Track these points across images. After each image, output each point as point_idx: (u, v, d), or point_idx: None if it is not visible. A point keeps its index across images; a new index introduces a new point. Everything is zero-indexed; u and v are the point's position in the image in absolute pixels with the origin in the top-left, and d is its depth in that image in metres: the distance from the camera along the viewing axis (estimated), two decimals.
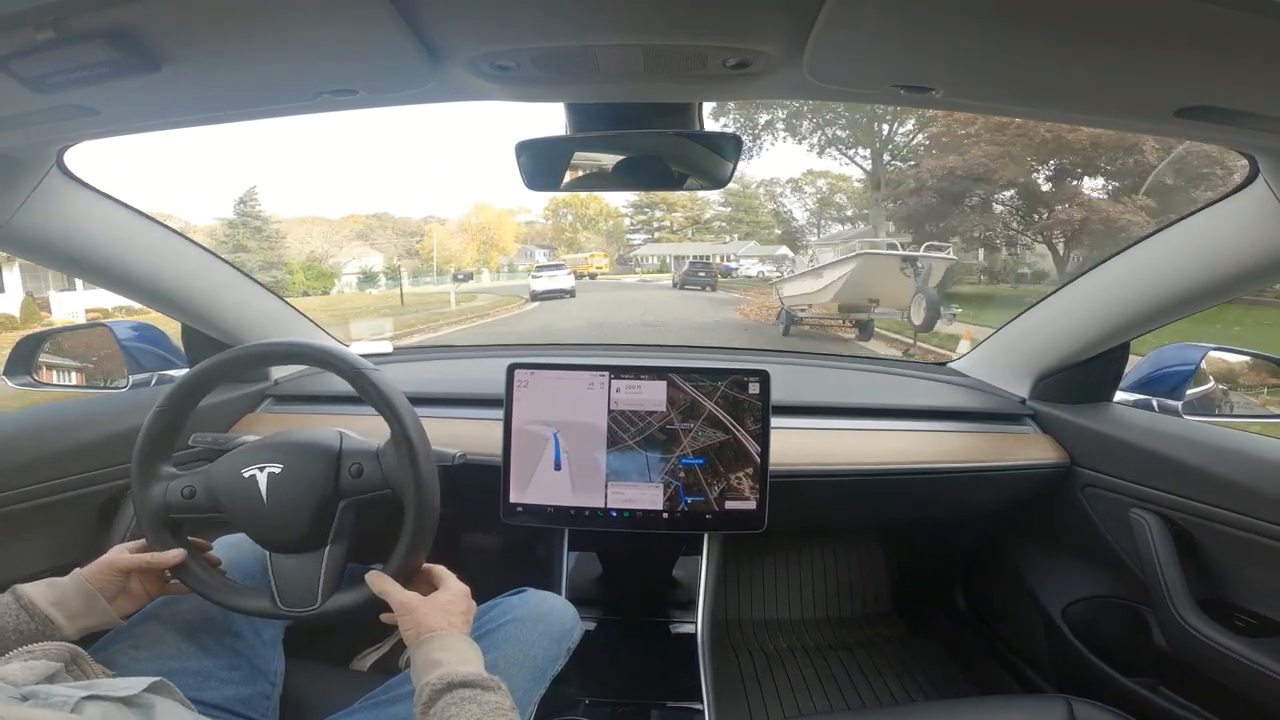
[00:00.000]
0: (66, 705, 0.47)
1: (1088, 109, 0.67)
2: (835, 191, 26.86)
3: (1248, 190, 0.77)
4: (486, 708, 0.56)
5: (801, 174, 31.90)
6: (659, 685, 1.00)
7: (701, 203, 32.46)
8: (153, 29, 0.51)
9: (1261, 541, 0.86)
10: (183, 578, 0.74)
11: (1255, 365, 1.23)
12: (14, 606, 0.63)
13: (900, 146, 19.50)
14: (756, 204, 29.83)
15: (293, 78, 0.63)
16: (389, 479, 0.74)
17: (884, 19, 0.50)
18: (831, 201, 26.98)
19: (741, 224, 30.17)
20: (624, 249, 34.11)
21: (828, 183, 26.99)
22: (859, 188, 25.97)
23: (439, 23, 0.53)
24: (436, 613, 0.67)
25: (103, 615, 0.68)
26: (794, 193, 28.28)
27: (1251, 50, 0.47)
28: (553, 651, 0.82)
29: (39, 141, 0.76)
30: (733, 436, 1.02)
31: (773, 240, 27.65)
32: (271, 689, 0.81)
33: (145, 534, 0.74)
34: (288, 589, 0.73)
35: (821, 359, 1.60)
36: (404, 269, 26.78)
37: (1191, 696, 1.00)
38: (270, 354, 0.84)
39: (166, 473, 0.76)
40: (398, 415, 0.72)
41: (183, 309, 1.15)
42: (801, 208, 28.54)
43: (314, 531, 0.73)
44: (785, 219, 28.63)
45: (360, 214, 30.10)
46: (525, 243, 34.06)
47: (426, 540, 0.73)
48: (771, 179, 33.55)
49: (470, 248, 30.91)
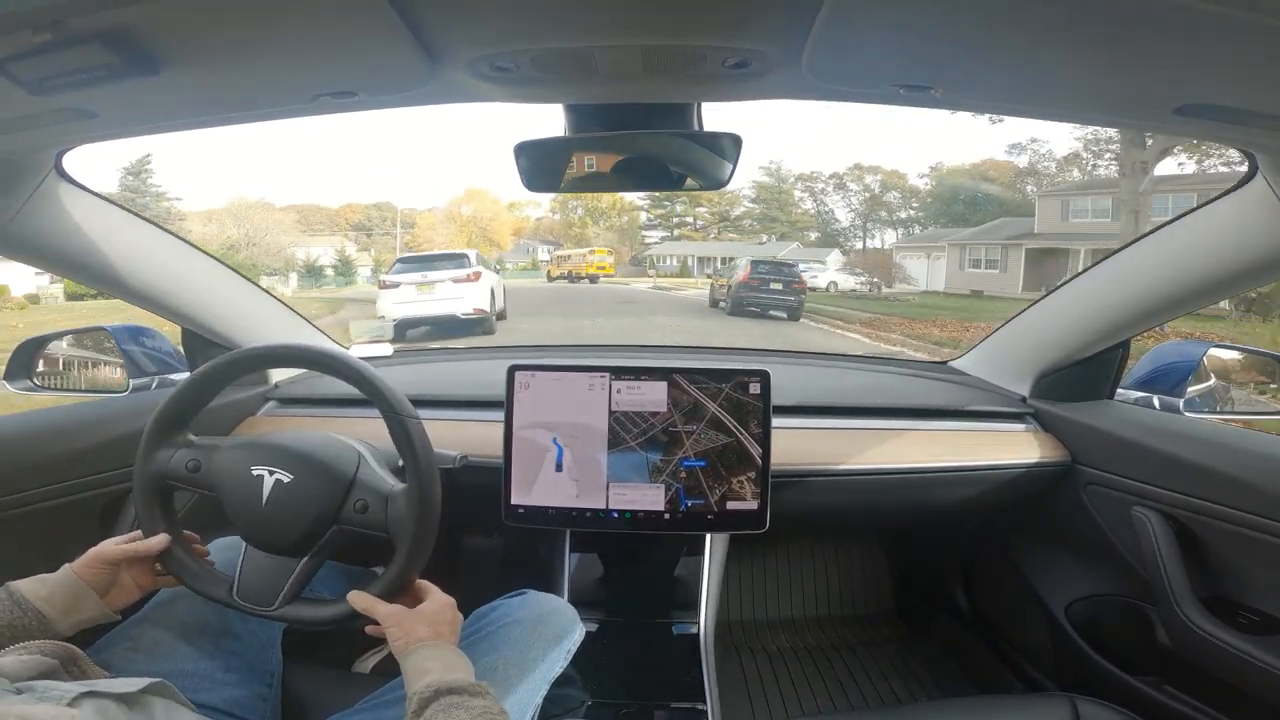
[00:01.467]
0: (63, 700, 0.47)
1: (1087, 108, 0.67)
2: (887, 189, 24.07)
3: (1247, 188, 0.77)
4: (474, 712, 0.56)
5: (847, 169, 27.67)
6: (662, 686, 1.00)
7: (730, 197, 28.31)
8: (151, 32, 0.50)
9: (1264, 538, 0.85)
10: (167, 566, 0.74)
11: (1256, 362, 1.23)
12: (6, 602, 0.63)
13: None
14: (792, 201, 26.64)
15: (292, 80, 0.63)
16: (389, 527, 0.73)
17: (884, 19, 0.50)
18: (882, 201, 24.26)
19: (776, 223, 26.72)
20: (637, 247, 29.98)
21: (879, 179, 24.24)
22: (920, 185, 23.20)
23: (438, 25, 0.53)
24: (423, 623, 0.67)
25: (95, 609, 0.68)
26: (837, 190, 25.33)
27: (1251, 49, 0.47)
28: (553, 654, 0.82)
29: (37, 145, 0.76)
30: (735, 439, 1.02)
31: (813, 244, 24.39)
32: (269, 690, 0.80)
33: (135, 500, 0.74)
34: (249, 584, 0.73)
35: (822, 359, 1.60)
36: (363, 263, 23.60)
37: (1196, 694, 1.00)
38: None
39: (181, 440, 0.76)
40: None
41: (182, 313, 1.15)
42: (846, 207, 25.56)
43: (299, 542, 0.73)
44: (826, 219, 25.76)
45: (360, 204, 28.35)
46: (529, 238, 30.44)
47: (417, 569, 0.73)
48: (812, 173, 28.35)
49: (458, 240, 27.38)
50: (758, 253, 19.00)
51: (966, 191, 22.62)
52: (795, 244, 23.72)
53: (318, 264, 22.49)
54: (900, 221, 24.17)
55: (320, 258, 23.31)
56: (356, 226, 26.89)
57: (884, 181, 24.51)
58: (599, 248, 24.73)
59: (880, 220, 24.76)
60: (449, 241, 26.84)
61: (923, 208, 23.86)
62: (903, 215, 23.98)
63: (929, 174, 25.02)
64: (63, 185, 0.85)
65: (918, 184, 24.70)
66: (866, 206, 24.81)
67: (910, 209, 24.29)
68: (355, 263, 24.11)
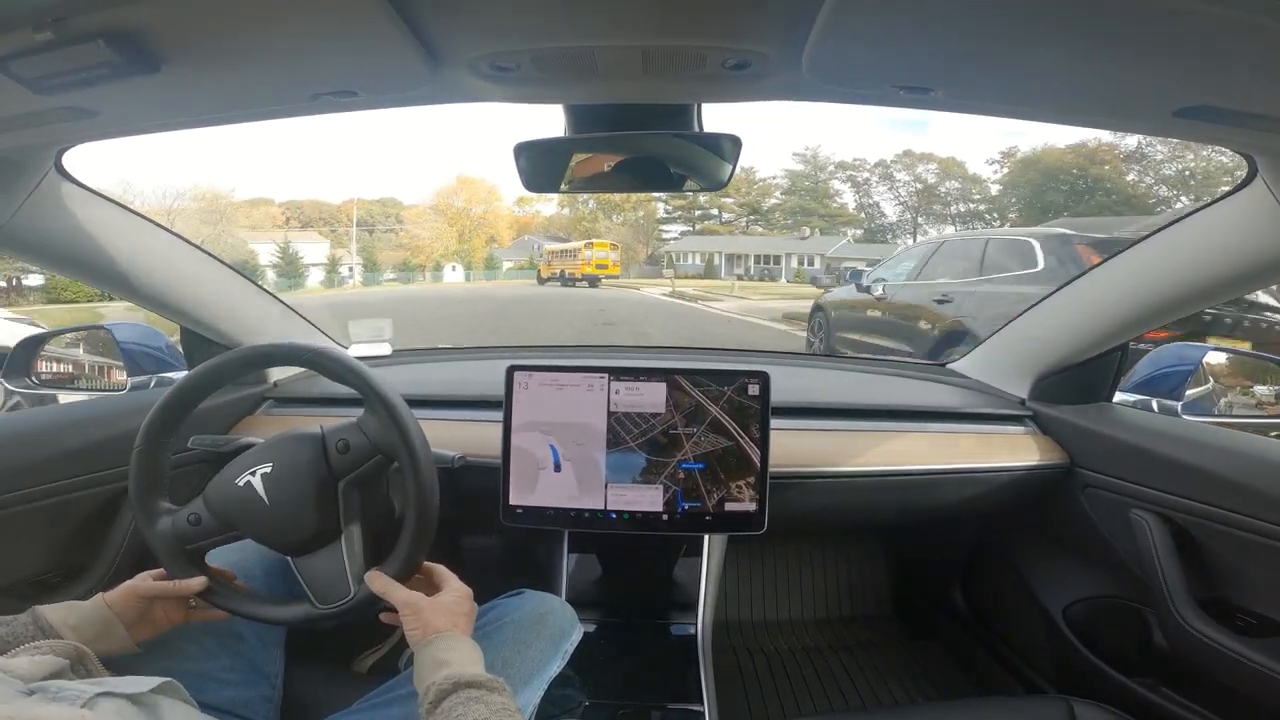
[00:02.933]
0: (79, 700, 0.47)
1: (1087, 110, 0.67)
2: (945, 178, 20.85)
3: (1246, 190, 0.77)
4: (493, 708, 0.56)
5: (895, 156, 24.54)
6: (659, 687, 1.00)
7: (762, 187, 24.85)
8: (152, 30, 0.51)
9: (1262, 541, 0.85)
10: (213, 600, 0.74)
11: (1255, 366, 1.23)
12: (32, 628, 0.63)
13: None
14: (829, 191, 23.28)
15: (292, 79, 0.63)
16: (377, 443, 0.73)
17: (883, 20, 0.50)
18: (937, 192, 21.13)
19: (813, 216, 23.61)
20: (655, 243, 26.49)
21: (934, 168, 20.92)
22: (986, 173, 19.33)
23: (438, 24, 0.53)
24: (441, 613, 0.67)
25: (120, 642, 0.68)
26: (882, 180, 22.26)
27: (1251, 50, 0.47)
28: (550, 653, 0.82)
29: (38, 143, 0.76)
30: (734, 440, 1.02)
31: (860, 240, 20.98)
32: (271, 691, 0.81)
33: (167, 568, 0.74)
34: (319, 587, 0.73)
35: (822, 360, 1.60)
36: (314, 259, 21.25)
37: (1192, 696, 1.00)
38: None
39: (166, 508, 0.76)
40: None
41: (181, 311, 1.15)
42: (894, 199, 22.49)
43: (324, 521, 0.73)
44: (871, 212, 22.62)
45: (365, 198, 26.79)
46: (535, 234, 27.32)
47: (427, 537, 0.73)
48: (854, 161, 24.90)
49: (447, 235, 24.54)
50: (803, 248, 16.75)
51: (1064, 178, 19.10)
52: (845, 238, 20.40)
53: (251, 264, 19.96)
54: (960, 216, 21.09)
55: (257, 255, 20.85)
56: (359, 222, 25.21)
57: (941, 169, 21.58)
58: (599, 240, 19.94)
59: (933, 214, 21.53)
60: (437, 236, 23.96)
61: (999, 197, 20.23)
62: (962, 208, 20.55)
63: (1001, 160, 21.74)
64: (63, 184, 0.85)
65: (983, 172, 21.40)
66: (919, 198, 21.82)
67: (971, 200, 21.10)
68: (300, 260, 21.55)
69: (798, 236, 21.83)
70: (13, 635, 0.61)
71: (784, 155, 23.30)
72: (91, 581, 0.99)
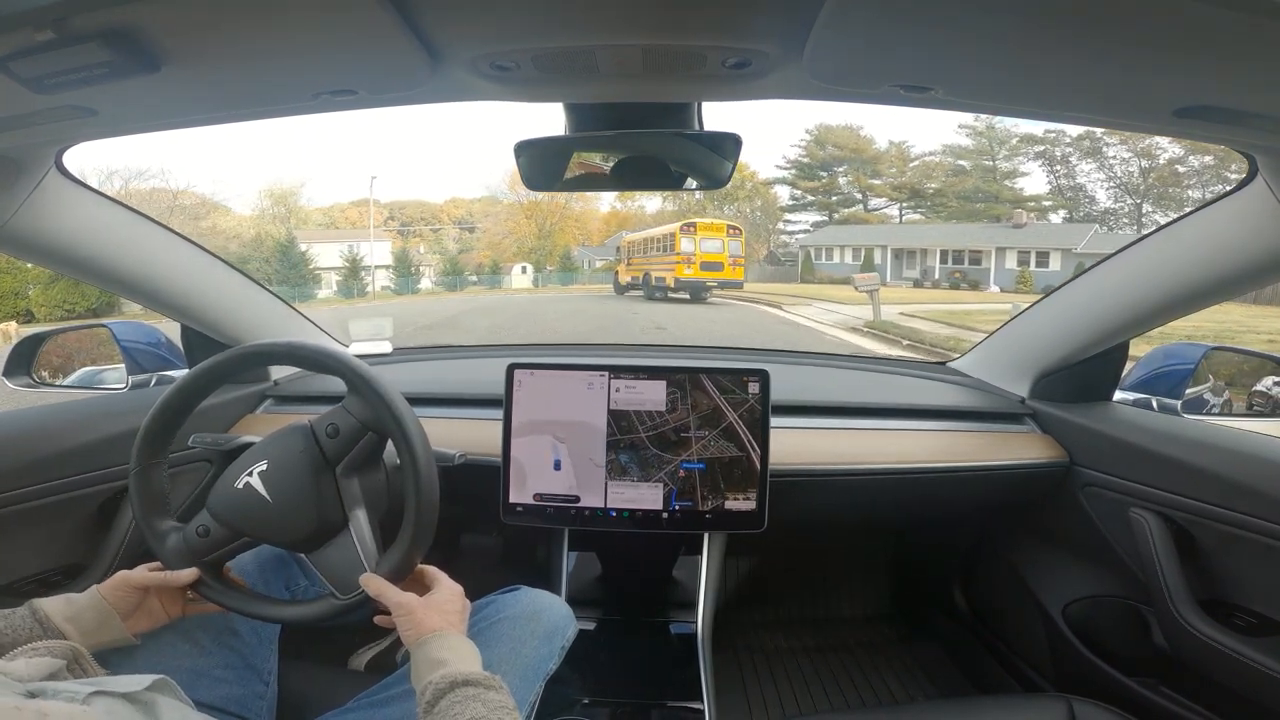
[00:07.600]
0: (76, 700, 0.47)
1: (1087, 109, 0.67)
2: (1194, 151, 14.54)
3: (1247, 189, 0.77)
4: (490, 706, 0.56)
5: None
6: (659, 685, 1.00)
7: (924, 165, 17.69)
8: (152, 29, 0.51)
9: (1261, 540, 0.86)
10: (232, 606, 0.74)
11: (1255, 364, 1.23)
12: (29, 620, 0.63)
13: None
14: (1006, 171, 17.03)
15: (292, 78, 0.63)
16: (364, 421, 0.73)
17: (883, 19, 0.50)
18: (1169, 174, 15.51)
19: (994, 200, 17.58)
20: (774, 239, 19.23)
21: (1166, 140, 14.13)
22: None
23: (438, 23, 0.53)
24: (435, 613, 0.67)
25: (116, 633, 0.68)
26: (1087, 156, 16.02)
27: (1251, 50, 0.47)
28: (546, 650, 0.82)
29: (38, 142, 0.76)
30: (734, 439, 1.02)
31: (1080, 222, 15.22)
32: (266, 688, 0.80)
33: (193, 587, 0.74)
34: (338, 578, 0.73)
35: (821, 359, 1.60)
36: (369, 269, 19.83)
37: (1192, 696, 1.00)
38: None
39: (172, 525, 0.76)
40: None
41: (181, 310, 1.15)
42: (1106, 180, 16.46)
43: (329, 510, 0.73)
44: (1074, 195, 16.65)
45: (463, 198, 25.20)
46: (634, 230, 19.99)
47: (424, 540, 0.73)
48: (1047, 134, 17.90)
49: (525, 229, 20.13)
50: (1020, 240, 11.85)
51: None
52: (1095, 227, 14.52)
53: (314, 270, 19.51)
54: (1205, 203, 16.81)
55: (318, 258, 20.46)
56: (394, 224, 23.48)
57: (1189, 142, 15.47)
58: (706, 221, 12.95)
59: (1168, 199, 15.57)
60: (511, 232, 19.15)
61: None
62: (1198, 195, 15.05)
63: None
64: (63, 183, 0.85)
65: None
66: (1147, 181, 15.92)
67: (1228, 182, 16.47)
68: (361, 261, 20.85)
69: (1009, 224, 15.82)
70: (10, 628, 0.61)
71: (945, 129, 19.19)
72: (91, 580, 0.99)
